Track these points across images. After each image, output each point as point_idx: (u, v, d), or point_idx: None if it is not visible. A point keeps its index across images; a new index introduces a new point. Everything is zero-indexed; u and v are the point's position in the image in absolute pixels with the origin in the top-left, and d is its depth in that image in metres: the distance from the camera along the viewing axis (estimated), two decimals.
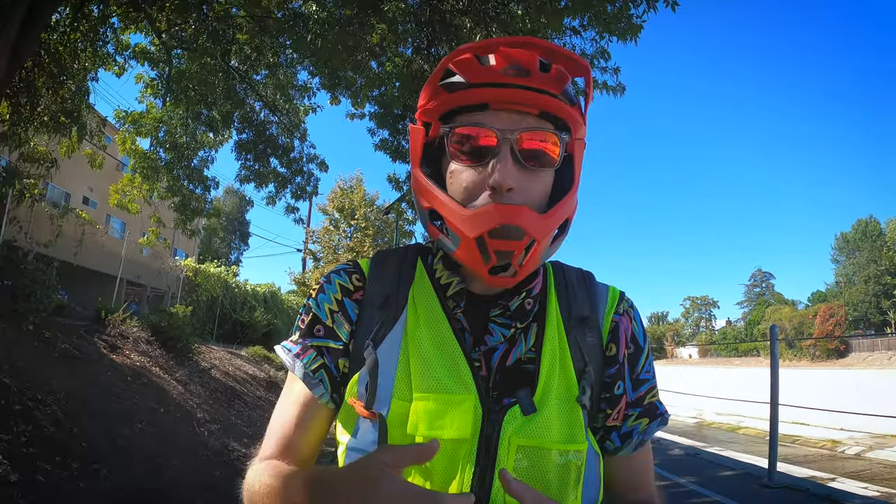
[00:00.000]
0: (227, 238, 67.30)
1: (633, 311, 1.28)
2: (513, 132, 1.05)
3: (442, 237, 1.12)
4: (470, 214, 1.05)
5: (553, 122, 1.10)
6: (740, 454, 12.48)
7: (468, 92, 1.08)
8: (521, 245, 1.05)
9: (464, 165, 1.09)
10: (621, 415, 1.19)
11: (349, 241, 29.25)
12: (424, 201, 1.15)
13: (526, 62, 1.07)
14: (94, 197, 26.53)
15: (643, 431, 1.18)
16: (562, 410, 1.08)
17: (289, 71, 15.44)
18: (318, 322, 1.20)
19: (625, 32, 9.61)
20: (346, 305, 1.21)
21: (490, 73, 1.07)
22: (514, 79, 1.06)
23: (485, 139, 1.06)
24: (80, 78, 14.04)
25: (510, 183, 1.03)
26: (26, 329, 8.11)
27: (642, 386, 1.22)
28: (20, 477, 5.02)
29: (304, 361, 1.16)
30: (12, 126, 12.66)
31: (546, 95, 1.06)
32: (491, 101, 1.07)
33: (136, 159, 15.93)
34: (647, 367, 1.24)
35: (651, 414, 1.20)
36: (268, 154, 16.43)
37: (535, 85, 1.06)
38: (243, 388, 12.99)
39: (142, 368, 9.82)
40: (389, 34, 11.71)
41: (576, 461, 1.07)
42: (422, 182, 1.14)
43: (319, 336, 1.19)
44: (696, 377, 46.99)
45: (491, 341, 1.14)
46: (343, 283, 1.24)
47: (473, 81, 1.07)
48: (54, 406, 6.53)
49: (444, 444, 1.00)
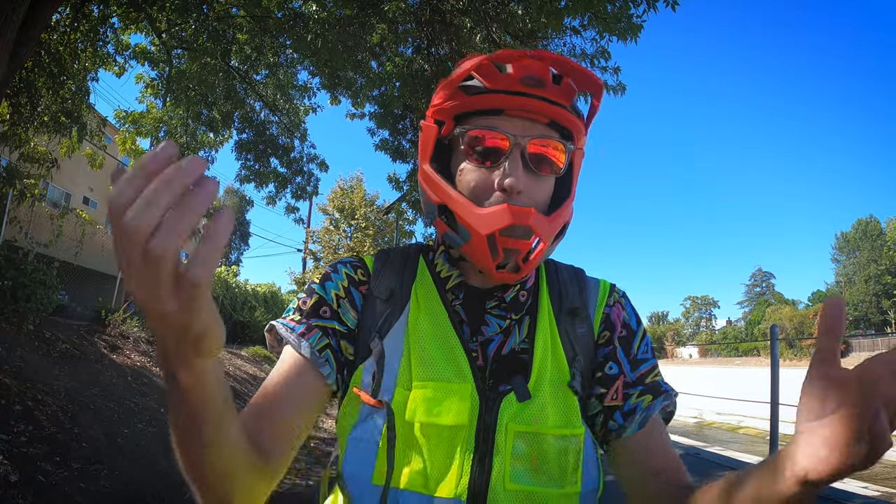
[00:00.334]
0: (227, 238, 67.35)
1: (625, 299, 1.32)
2: (524, 138, 1.11)
3: (449, 231, 1.16)
4: (483, 213, 1.09)
5: (560, 132, 1.16)
6: (741, 454, 12.48)
7: (486, 97, 1.12)
8: (527, 244, 1.12)
9: (474, 165, 1.14)
10: (620, 394, 1.19)
11: (349, 241, 29.28)
12: (434, 196, 1.19)
13: (541, 74, 1.11)
14: (95, 197, 26.58)
15: (647, 408, 1.17)
16: (556, 396, 1.12)
17: (289, 71, 15.46)
18: (325, 304, 1.22)
19: (625, 32, 9.62)
20: (353, 293, 1.24)
21: (508, 81, 1.11)
22: (529, 88, 1.10)
23: (498, 142, 1.11)
24: (80, 78, 14.09)
25: (521, 186, 1.09)
26: (27, 329, 8.12)
27: (641, 365, 1.23)
28: (21, 477, 5.03)
29: (311, 341, 1.16)
30: (12, 126, 12.70)
31: (557, 106, 1.12)
32: (506, 107, 1.12)
33: (137, 159, 15.92)
34: (644, 347, 1.26)
35: (654, 391, 1.20)
36: (268, 154, 16.44)
37: (548, 96, 1.11)
38: (243, 389, 12.97)
39: (142, 368, 9.83)
40: (389, 34, 11.74)
41: (573, 446, 1.09)
42: (433, 177, 1.19)
43: (325, 317, 1.20)
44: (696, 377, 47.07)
45: (487, 332, 1.19)
46: (349, 273, 1.27)
47: (493, 87, 1.12)
48: (55, 406, 6.53)
49: (442, 431, 1.06)
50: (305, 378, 1.15)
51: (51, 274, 9.20)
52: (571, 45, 10.93)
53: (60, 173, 20.47)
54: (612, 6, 9.33)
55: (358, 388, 1.12)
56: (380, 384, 1.11)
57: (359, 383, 1.13)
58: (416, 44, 11.78)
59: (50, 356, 7.91)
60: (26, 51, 9.82)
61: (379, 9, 10.23)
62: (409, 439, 1.07)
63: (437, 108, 1.20)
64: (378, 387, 1.11)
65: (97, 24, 13.89)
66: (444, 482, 1.04)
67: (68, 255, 17.18)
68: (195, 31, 13.51)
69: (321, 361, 1.15)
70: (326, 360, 1.16)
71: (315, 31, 11.22)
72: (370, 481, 1.06)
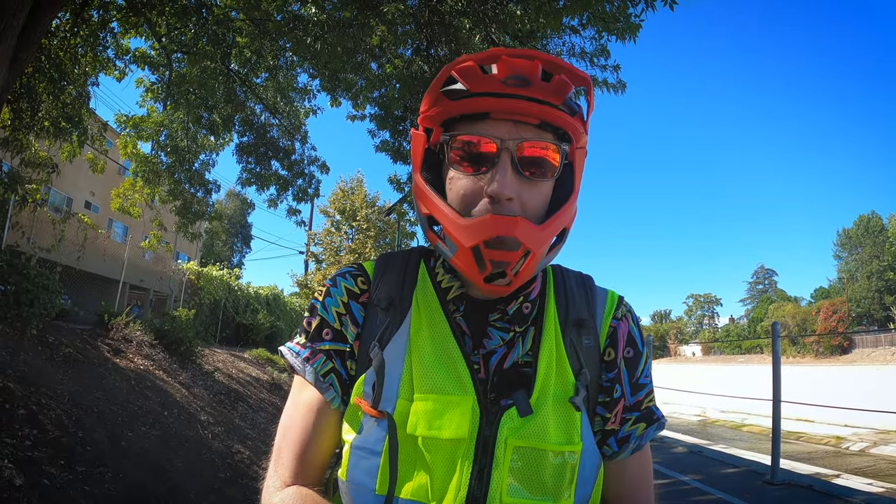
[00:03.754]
0: (230, 241, 67.42)
1: (632, 315, 1.30)
2: (513, 141, 1.07)
3: (440, 243, 1.15)
4: (466, 224, 1.07)
5: (553, 132, 1.12)
6: (744, 451, 12.51)
7: (469, 100, 1.09)
8: (516, 256, 1.07)
9: (463, 173, 1.11)
10: (619, 418, 1.20)
11: (351, 243, 29.28)
12: (423, 207, 1.17)
13: (527, 72, 1.09)
14: (96, 201, 26.62)
15: (640, 436, 1.19)
16: (558, 412, 1.11)
17: (289, 73, 15.43)
18: (326, 325, 1.22)
19: (623, 31, 9.67)
20: (353, 308, 1.23)
21: (491, 82, 1.08)
22: (514, 89, 1.07)
23: (485, 147, 1.08)
24: (80, 83, 14.11)
25: (509, 193, 1.05)
26: (30, 334, 8.14)
27: (641, 391, 1.23)
28: (25, 480, 5.04)
29: (314, 366, 1.18)
30: (14, 131, 12.73)
31: (546, 106, 1.08)
32: (491, 110, 1.09)
33: (138, 163, 15.96)
34: (646, 371, 1.26)
35: (648, 419, 1.22)
36: (269, 157, 16.44)
37: (535, 95, 1.07)
38: (246, 391, 12.99)
39: (145, 372, 9.84)
40: (389, 36, 11.73)
41: (570, 461, 1.09)
42: (421, 188, 1.17)
43: (328, 339, 1.21)
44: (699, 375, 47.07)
45: (490, 345, 1.17)
46: (349, 287, 1.26)
47: (475, 90, 1.09)
48: (59, 410, 6.54)
49: (442, 444, 1.05)
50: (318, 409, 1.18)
51: (53, 278, 9.21)
52: (570, 45, 10.97)
53: (62, 178, 20.55)
54: (610, 5, 9.35)
55: (359, 399, 1.13)
56: (380, 395, 1.11)
57: (360, 393, 1.13)
58: (415, 45, 11.79)
59: (53, 360, 7.92)
60: (27, 56, 9.84)
61: (378, 10, 10.23)
62: (411, 452, 1.07)
63: (424, 115, 1.18)
64: (378, 397, 1.11)
65: (97, 29, 13.93)
66: (446, 495, 1.04)
67: (70, 260, 17.18)
68: (195, 35, 13.52)
69: (325, 387, 1.17)
70: (330, 384, 1.17)
71: (314, 33, 11.21)
72: (373, 491, 1.07)
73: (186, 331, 12.82)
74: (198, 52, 13.87)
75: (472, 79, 1.10)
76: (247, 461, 8.56)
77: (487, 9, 9.23)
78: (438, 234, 1.16)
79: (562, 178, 1.16)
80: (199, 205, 17.03)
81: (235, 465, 8.40)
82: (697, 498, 7.97)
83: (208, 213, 18.10)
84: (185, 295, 23.36)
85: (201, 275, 24.02)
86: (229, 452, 8.78)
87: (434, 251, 1.29)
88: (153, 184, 16.17)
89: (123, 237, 26.42)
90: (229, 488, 7.53)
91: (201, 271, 24.36)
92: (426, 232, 1.18)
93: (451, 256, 1.11)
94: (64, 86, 13.19)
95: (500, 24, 9.19)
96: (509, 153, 1.07)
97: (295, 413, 1.19)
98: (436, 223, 1.16)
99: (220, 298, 23.95)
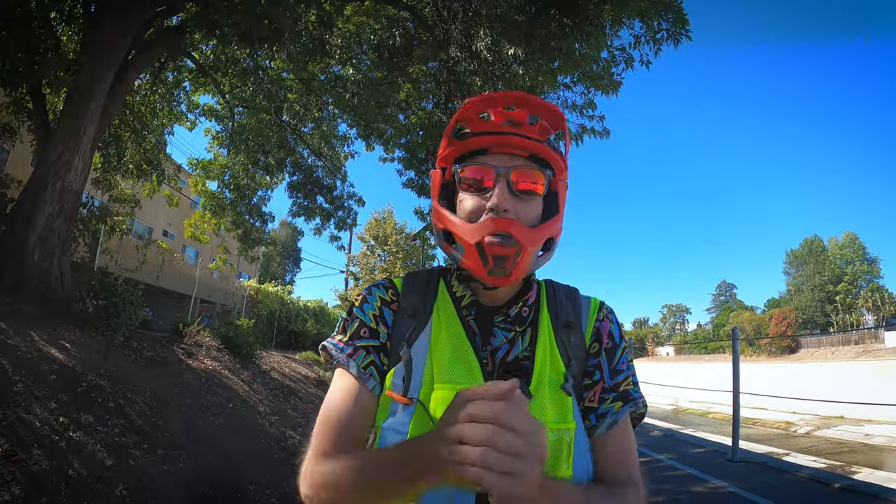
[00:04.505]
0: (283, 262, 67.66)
1: (612, 315, 1.34)
2: (507, 169, 1.16)
3: (453, 251, 1.20)
4: (471, 226, 1.15)
5: (538, 163, 1.19)
6: (709, 434, 12.49)
7: (474, 139, 1.19)
8: (512, 250, 1.12)
9: (470, 195, 1.18)
10: (597, 397, 1.22)
11: (383, 264, 29.40)
12: (440, 224, 1.23)
13: (518, 119, 1.18)
14: (172, 230, 26.77)
15: (616, 412, 1.21)
16: (553, 396, 1.15)
17: (331, 124, 15.70)
18: (364, 326, 1.26)
19: (608, 87, 9.84)
20: (385, 313, 1.28)
21: (490, 126, 1.18)
22: (508, 128, 1.17)
23: (486, 174, 1.17)
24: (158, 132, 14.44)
25: (505, 205, 1.13)
26: (118, 340, 8.17)
27: (619, 375, 1.25)
28: (115, 462, 5.04)
29: (357, 360, 1.20)
30: (104, 173, 12.97)
31: (533, 141, 1.17)
32: (490, 146, 1.18)
33: (206, 198, 16.27)
34: (624, 360, 1.28)
35: (625, 398, 1.23)
36: (315, 193, 16.62)
37: (525, 133, 1.17)
38: (297, 386, 12.97)
39: (213, 372, 9.84)
40: (413, 92, 11.90)
41: (566, 438, 1.12)
42: (439, 211, 1.24)
43: (366, 337, 1.24)
44: (672, 372, 46.97)
45: (495, 342, 1.22)
46: (382, 296, 1.31)
47: (476, 131, 1.19)
48: (141, 403, 6.55)
49: None
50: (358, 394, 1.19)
51: (137, 294, 9.25)
52: (564, 99, 11.02)
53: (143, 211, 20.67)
54: (597, 66, 9.49)
55: (389, 391, 1.16)
56: (409, 385, 1.15)
57: (389, 386, 1.17)
58: (435, 100, 11.88)
59: (137, 362, 7.94)
60: (114, 111, 9.99)
61: (405, 71, 10.36)
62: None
63: (442, 157, 1.26)
64: (408, 387, 1.15)
65: (172, 88, 14.28)
66: None
67: (151, 279, 17.32)
68: (253, 92, 13.75)
69: (366, 377, 1.19)
70: (371, 374, 1.20)
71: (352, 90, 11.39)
72: None
73: (247, 337, 12.82)
74: (255, 107, 14.11)
75: (475, 123, 1.21)
76: (297, 444, 8.53)
77: (495, 69, 9.30)
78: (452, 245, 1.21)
79: (550, 204, 1.22)
80: (257, 233, 17.24)
81: (288, 448, 8.40)
82: (671, 473, 8.05)
83: (265, 240, 18.31)
84: (245, 307, 23.45)
85: (259, 291, 24.12)
86: (283, 437, 8.77)
87: (450, 270, 1.34)
88: (219, 216, 16.40)
89: (195, 260, 26.70)
90: (283, 467, 7.53)
91: (259, 288, 24.47)
92: (442, 245, 1.24)
93: (460, 258, 1.18)
94: (145, 135, 13.44)
95: (505, 81, 9.27)
96: (505, 178, 1.15)
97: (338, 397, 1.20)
98: (450, 237, 1.21)
99: (275, 310, 24.01)
